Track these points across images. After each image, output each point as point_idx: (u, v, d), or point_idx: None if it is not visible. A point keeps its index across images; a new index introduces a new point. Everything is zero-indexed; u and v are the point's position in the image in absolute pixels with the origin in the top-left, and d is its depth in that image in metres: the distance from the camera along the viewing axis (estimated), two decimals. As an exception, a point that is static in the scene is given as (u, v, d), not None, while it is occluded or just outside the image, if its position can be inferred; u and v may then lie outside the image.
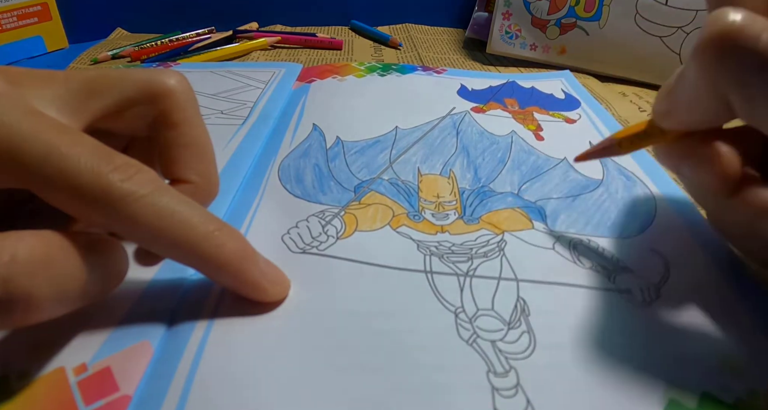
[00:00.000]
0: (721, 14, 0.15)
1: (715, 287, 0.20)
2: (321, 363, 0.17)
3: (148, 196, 0.15)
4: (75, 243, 0.15)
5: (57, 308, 0.14)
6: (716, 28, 0.15)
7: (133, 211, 0.15)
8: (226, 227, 0.17)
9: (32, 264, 0.13)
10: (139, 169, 0.16)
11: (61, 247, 0.14)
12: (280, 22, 0.61)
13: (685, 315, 0.19)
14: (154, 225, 0.15)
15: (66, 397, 0.15)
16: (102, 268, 0.16)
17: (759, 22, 0.14)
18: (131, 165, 0.16)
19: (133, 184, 0.15)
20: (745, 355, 0.17)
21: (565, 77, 0.44)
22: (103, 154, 0.15)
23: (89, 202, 0.15)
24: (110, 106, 0.19)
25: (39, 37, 0.51)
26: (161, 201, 0.16)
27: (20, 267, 0.13)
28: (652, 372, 0.17)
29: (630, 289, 0.20)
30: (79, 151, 0.15)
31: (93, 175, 0.14)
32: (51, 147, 0.14)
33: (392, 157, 0.29)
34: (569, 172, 0.28)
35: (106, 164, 0.15)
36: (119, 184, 0.15)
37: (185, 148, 0.20)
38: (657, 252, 0.22)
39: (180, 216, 0.16)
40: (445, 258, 0.22)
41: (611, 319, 0.19)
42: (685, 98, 0.17)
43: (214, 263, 0.17)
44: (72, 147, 0.14)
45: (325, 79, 0.41)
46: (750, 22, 0.14)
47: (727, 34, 0.14)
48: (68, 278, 0.14)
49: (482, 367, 0.17)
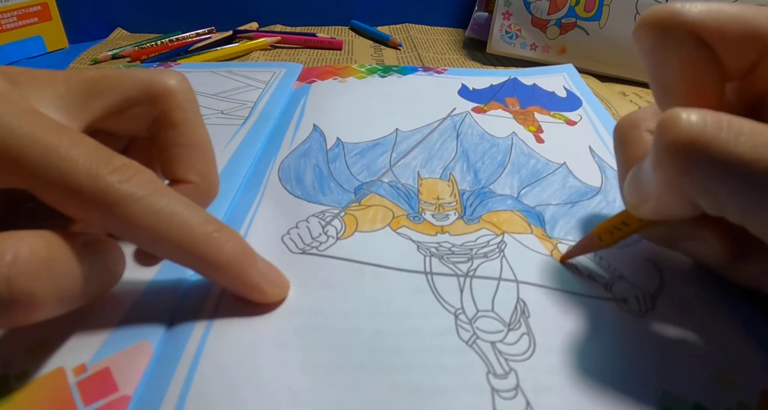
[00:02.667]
0: (672, 118, 0.13)
1: (710, 298, 0.20)
2: (320, 364, 0.17)
3: (146, 197, 0.15)
4: (74, 244, 0.15)
5: (56, 307, 0.14)
6: (670, 139, 0.13)
7: (132, 213, 0.15)
8: (225, 228, 0.17)
9: (34, 264, 0.13)
10: (137, 171, 0.16)
11: (61, 247, 0.14)
12: (280, 22, 0.61)
13: (679, 326, 0.19)
14: (152, 227, 0.15)
15: (65, 397, 0.15)
16: (100, 268, 0.16)
17: (711, 124, 0.13)
18: (130, 166, 0.16)
19: (131, 185, 0.15)
20: (737, 367, 0.17)
21: (568, 72, 0.44)
22: (102, 156, 0.15)
23: (87, 203, 0.15)
24: (110, 106, 0.19)
25: (39, 37, 0.51)
26: (160, 202, 0.15)
27: (22, 267, 0.13)
28: (646, 381, 0.17)
29: (626, 298, 0.20)
30: (78, 153, 0.15)
31: (91, 176, 0.14)
32: (49, 148, 0.14)
33: (392, 160, 0.29)
34: (568, 177, 0.28)
35: (104, 165, 0.15)
36: (117, 185, 0.15)
37: (185, 148, 0.20)
38: (653, 262, 0.22)
39: (179, 218, 0.16)
40: (445, 259, 0.22)
41: (607, 327, 0.19)
42: (653, 194, 0.16)
43: (212, 264, 0.17)
44: (71, 148, 0.14)
45: (325, 79, 0.41)
46: (703, 125, 0.13)
47: (682, 144, 0.13)
48: (68, 278, 0.14)
49: (482, 369, 0.17)
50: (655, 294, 0.20)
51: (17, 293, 0.13)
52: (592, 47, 0.47)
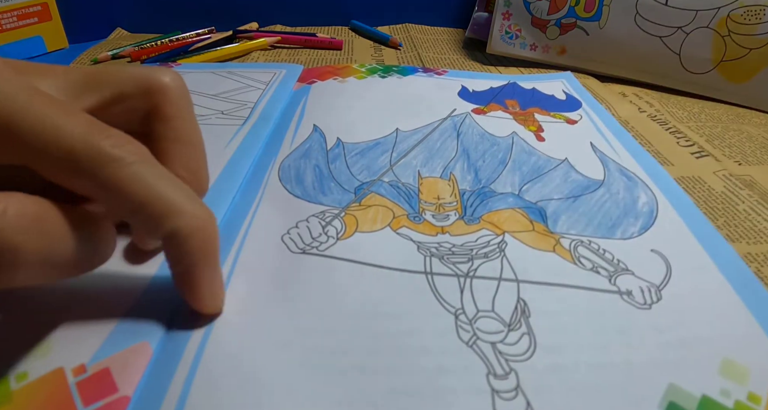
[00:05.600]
0: None
1: (717, 289, 0.20)
2: (320, 365, 0.17)
3: (137, 163, 0.15)
4: (66, 211, 0.15)
5: (40, 272, 0.15)
6: None
7: (121, 176, 0.15)
8: (205, 207, 0.17)
9: (23, 220, 0.14)
10: (129, 140, 0.16)
11: (53, 211, 0.15)
12: (280, 22, 0.61)
13: (685, 318, 0.19)
14: (137, 193, 0.15)
15: (65, 398, 0.15)
16: (89, 241, 0.16)
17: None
18: (122, 135, 0.16)
19: (123, 151, 0.15)
20: (746, 358, 0.17)
21: (567, 79, 0.44)
22: (96, 124, 0.15)
23: (81, 168, 0.15)
24: (106, 98, 0.19)
25: (39, 37, 0.51)
26: (149, 171, 0.16)
27: (10, 221, 0.13)
28: (652, 374, 0.17)
29: (631, 291, 0.20)
30: (73, 121, 0.15)
31: (85, 142, 0.15)
32: (45, 117, 0.14)
33: (393, 160, 0.29)
34: (570, 172, 0.28)
35: (98, 133, 0.15)
36: (110, 149, 0.15)
37: (175, 143, 0.20)
38: (658, 253, 0.22)
39: (163, 188, 0.16)
40: (445, 259, 0.22)
41: (612, 321, 0.19)
42: None
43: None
44: (66, 117, 0.15)
45: (325, 80, 0.41)
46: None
47: None
48: (55, 241, 0.15)
49: (482, 369, 0.17)
50: (660, 286, 0.20)
51: (2, 245, 0.13)
52: (592, 47, 0.47)
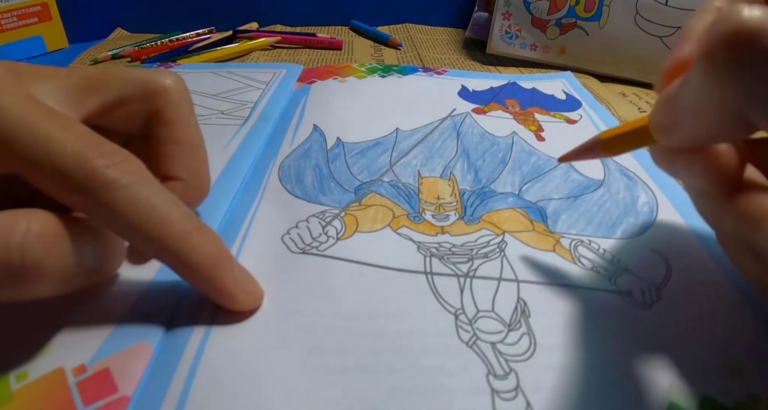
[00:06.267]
0: (733, 11, 0.12)
1: (717, 289, 0.20)
2: (320, 365, 0.17)
3: (131, 185, 0.15)
4: (78, 226, 0.15)
5: (58, 284, 0.15)
6: (727, 27, 0.12)
7: (114, 199, 0.15)
8: (205, 228, 0.17)
9: (46, 236, 0.14)
10: (125, 158, 0.16)
11: (69, 225, 0.15)
12: (280, 22, 0.61)
13: (686, 317, 0.19)
14: (131, 216, 0.15)
15: (65, 398, 0.15)
16: (102, 254, 0.16)
17: None
18: (119, 153, 0.16)
19: (117, 171, 0.15)
20: (745, 358, 0.17)
21: (566, 78, 0.44)
22: (92, 140, 0.15)
23: (73, 186, 0.15)
24: (108, 101, 0.19)
25: (39, 37, 0.51)
26: (143, 192, 0.16)
27: (35, 238, 0.14)
28: (653, 375, 0.17)
29: (631, 291, 0.20)
30: (67, 136, 0.15)
31: (78, 159, 0.15)
32: (39, 130, 0.14)
33: (393, 160, 0.29)
34: (570, 172, 0.28)
35: (93, 149, 0.15)
36: (103, 170, 0.15)
37: (177, 145, 0.20)
38: (658, 252, 0.22)
39: (159, 211, 0.16)
40: (445, 259, 0.22)
41: (612, 321, 0.19)
42: (689, 112, 0.14)
43: (186, 263, 0.16)
44: (60, 131, 0.15)
45: (325, 80, 0.41)
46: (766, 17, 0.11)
47: (741, 36, 0.11)
48: (73, 255, 0.15)
49: (482, 369, 0.17)
50: (661, 286, 0.20)
51: (29, 261, 0.14)
52: (592, 47, 0.47)
